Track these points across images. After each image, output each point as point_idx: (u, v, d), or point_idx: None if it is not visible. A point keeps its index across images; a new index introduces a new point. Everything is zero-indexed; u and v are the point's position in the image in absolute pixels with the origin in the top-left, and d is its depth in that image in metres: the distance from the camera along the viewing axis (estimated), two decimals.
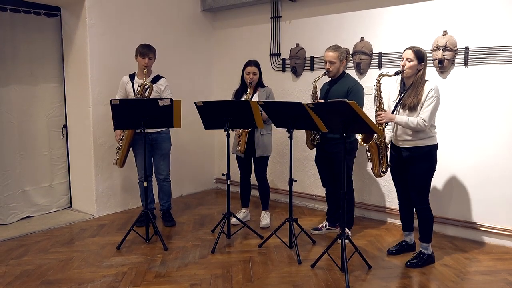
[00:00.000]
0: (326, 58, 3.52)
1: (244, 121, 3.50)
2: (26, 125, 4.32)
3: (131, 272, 3.09)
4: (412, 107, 3.02)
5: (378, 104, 3.16)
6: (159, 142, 4.07)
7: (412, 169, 3.13)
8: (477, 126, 3.67)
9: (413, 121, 2.99)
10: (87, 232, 3.97)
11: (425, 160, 3.10)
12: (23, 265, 3.22)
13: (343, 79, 3.56)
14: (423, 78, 3.07)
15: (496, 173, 3.59)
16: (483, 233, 3.69)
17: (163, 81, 4.03)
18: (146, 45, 3.91)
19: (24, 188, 4.33)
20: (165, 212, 4.25)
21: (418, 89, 3.04)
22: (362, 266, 3.15)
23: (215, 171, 5.75)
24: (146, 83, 3.81)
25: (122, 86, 4.03)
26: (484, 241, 3.69)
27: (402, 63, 3.08)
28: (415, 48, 3.06)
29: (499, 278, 2.99)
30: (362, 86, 3.55)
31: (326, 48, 3.56)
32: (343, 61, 3.53)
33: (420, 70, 3.05)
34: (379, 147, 3.19)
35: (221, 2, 5.12)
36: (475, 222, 3.73)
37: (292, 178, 3.47)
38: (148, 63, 3.87)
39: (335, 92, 3.53)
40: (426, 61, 3.08)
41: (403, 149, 3.15)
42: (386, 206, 4.24)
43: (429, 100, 2.99)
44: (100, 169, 4.41)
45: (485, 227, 3.67)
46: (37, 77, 4.36)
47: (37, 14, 4.27)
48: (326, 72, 3.54)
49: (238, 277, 3.01)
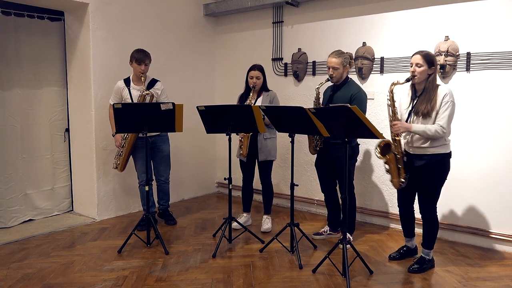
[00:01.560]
0: (329, 64, 3.49)
1: (246, 126, 3.50)
2: (28, 129, 4.33)
3: (132, 276, 3.09)
4: (426, 113, 2.93)
5: (393, 114, 3.05)
6: (158, 144, 4.08)
7: (424, 178, 3.04)
8: (479, 131, 3.66)
9: (430, 129, 2.89)
10: (88, 235, 3.97)
11: (437, 168, 3.01)
12: (24, 268, 3.22)
13: (347, 85, 3.55)
14: (434, 82, 2.98)
15: (499, 178, 3.58)
16: (485, 239, 3.67)
17: (159, 85, 4.04)
18: (142, 51, 3.90)
19: (26, 191, 4.34)
20: (165, 211, 4.28)
21: (431, 94, 2.94)
22: (363, 271, 3.14)
23: (216, 176, 5.74)
24: (147, 92, 3.82)
25: (117, 91, 4.02)
26: (487, 246, 3.67)
27: (412, 69, 2.98)
28: (424, 52, 2.98)
29: (502, 285, 2.97)
30: (365, 93, 3.54)
31: (329, 54, 3.55)
32: (346, 67, 3.51)
33: (431, 75, 2.97)
34: (396, 157, 3.06)
35: (224, 7, 5.14)
36: (477, 228, 3.71)
37: (294, 182, 3.47)
38: (144, 69, 3.88)
39: (338, 98, 3.51)
40: (436, 64, 2.99)
41: (415, 157, 3.06)
42: (388, 212, 4.22)
43: (445, 106, 2.89)
44: (102, 173, 4.42)
45: (487, 232, 3.65)
46: (40, 81, 4.38)
47: (41, 18, 4.30)
48: (329, 78, 3.54)
49: (239, 282, 3.00)
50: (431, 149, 2.98)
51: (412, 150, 3.08)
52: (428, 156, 3.00)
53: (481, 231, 3.68)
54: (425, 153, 3.00)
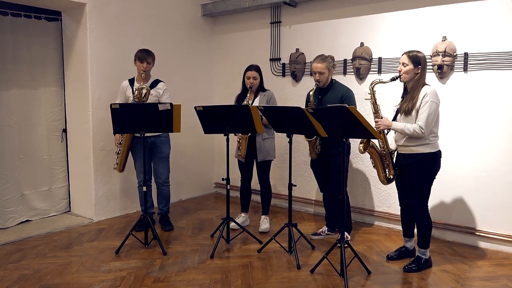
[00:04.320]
0: (315, 69, 3.53)
1: (244, 126, 3.50)
2: (25, 129, 4.32)
3: (129, 276, 3.08)
4: (407, 111, 3.03)
5: (375, 111, 3.16)
6: (158, 145, 4.07)
7: (408, 176, 3.12)
8: (477, 131, 3.67)
9: (409, 128, 2.98)
10: (85, 236, 3.95)
11: (422, 167, 3.06)
12: (21, 269, 3.20)
13: (333, 86, 3.61)
14: (419, 81, 3.05)
15: (495, 178, 3.59)
16: (482, 239, 3.68)
17: (161, 85, 4.05)
18: (145, 50, 3.92)
19: (23, 192, 4.32)
20: (163, 216, 4.24)
21: (414, 93, 3.03)
22: (361, 271, 3.14)
23: (214, 176, 5.74)
24: (142, 86, 3.82)
25: (122, 91, 4.04)
26: (484, 246, 3.67)
27: (399, 68, 3.10)
28: (410, 53, 3.07)
29: (499, 284, 2.97)
30: (353, 92, 3.62)
31: (313, 59, 3.59)
32: (331, 70, 3.58)
33: (417, 74, 3.05)
34: (381, 154, 3.17)
35: (221, 7, 5.14)
36: (474, 228, 3.72)
37: (292, 183, 3.47)
38: (146, 67, 3.88)
39: (329, 100, 3.54)
40: (423, 64, 3.05)
41: (402, 156, 3.17)
42: (385, 212, 4.23)
43: (425, 106, 2.95)
44: (100, 173, 4.41)
45: (484, 232, 3.66)
46: (37, 81, 4.36)
47: (38, 19, 4.29)
48: (317, 83, 3.56)
49: (237, 282, 3.00)
50: (415, 148, 3.05)
51: (400, 149, 3.17)
52: (413, 155, 3.07)
53: (479, 231, 3.69)
54: (410, 152, 3.09)
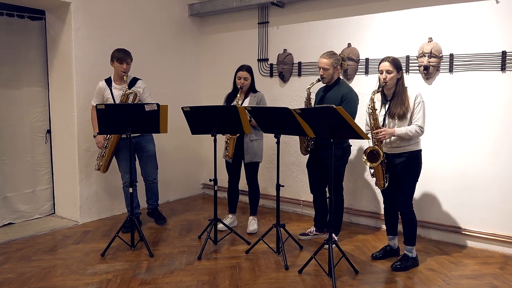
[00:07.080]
0: (320, 65, 3.53)
1: (232, 126, 3.48)
2: (8, 130, 4.23)
3: (115, 279, 3.04)
4: (401, 115, 3.08)
5: (374, 122, 3.12)
6: (143, 145, 4.04)
7: (400, 173, 3.17)
8: (462, 132, 3.72)
9: (411, 130, 3.05)
10: (70, 239, 3.89)
11: (413, 164, 3.16)
12: (4, 273, 3.13)
13: (338, 85, 3.57)
14: (403, 85, 3.14)
15: (480, 177, 3.64)
16: (468, 237, 3.73)
17: (141, 83, 4.00)
18: (123, 50, 3.87)
19: (6, 194, 4.23)
20: (155, 210, 4.26)
21: (403, 97, 3.09)
22: (349, 271, 3.15)
23: (202, 177, 5.71)
24: (130, 91, 3.78)
25: (99, 92, 3.96)
26: (469, 245, 3.72)
27: (383, 76, 3.08)
28: (391, 58, 3.11)
29: (484, 282, 3.01)
30: (356, 93, 3.57)
31: (321, 54, 3.56)
32: (337, 68, 3.54)
33: (399, 79, 3.11)
34: (382, 162, 3.12)
35: (209, 8, 5.12)
36: (460, 227, 3.77)
37: (280, 183, 3.46)
38: (126, 68, 3.84)
39: (329, 98, 3.53)
40: (401, 68, 3.14)
41: (393, 155, 3.19)
42: (374, 212, 4.25)
43: (418, 107, 3.07)
44: (85, 174, 4.34)
45: (470, 231, 3.71)
46: (20, 81, 4.28)
47: (21, 17, 4.21)
48: (320, 78, 3.55)
49: (225, 284, 2.98)
50: (408, 147, 3.15)
51: (390, 150, 3.19)
52: (407, 153, 3.15)
53: (464, 230, 3.74)
54: (403, 151, 3.15)
